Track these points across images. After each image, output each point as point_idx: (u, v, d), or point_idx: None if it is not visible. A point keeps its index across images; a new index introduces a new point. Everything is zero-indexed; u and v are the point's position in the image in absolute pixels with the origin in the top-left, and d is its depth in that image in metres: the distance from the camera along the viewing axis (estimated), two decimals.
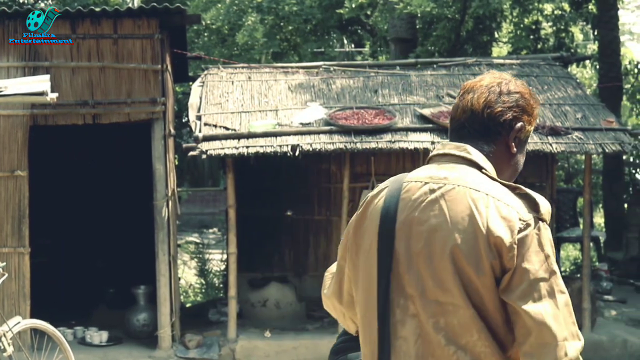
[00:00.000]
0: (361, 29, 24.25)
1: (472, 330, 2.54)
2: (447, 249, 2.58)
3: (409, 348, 2.61)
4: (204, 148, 10.27)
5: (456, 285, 2.55)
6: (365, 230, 2.80)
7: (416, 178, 2.90)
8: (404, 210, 2.72)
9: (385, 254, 2.69)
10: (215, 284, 17.68)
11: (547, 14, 21.56)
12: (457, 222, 2.59)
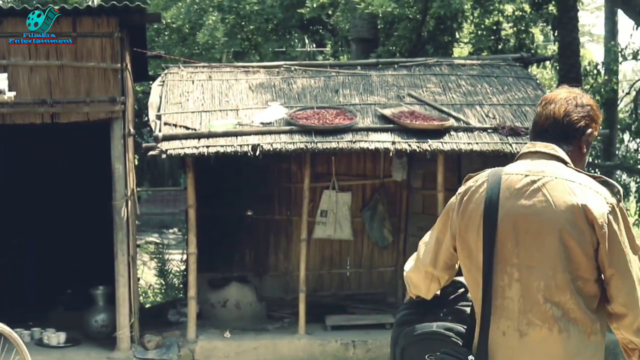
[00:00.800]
0: (322, 29, 24.24)
1: (566, 291, 3.27)
2: (554, 227, 3.29)
3: (513, 305, 3.34)
4: (163, 148, 10.19)
5: (559, 256, 3.27)
6: (471, 212, 3.51)
7: (515, 171, 3.63)
8: (510, 198, 3.45)
9: (489, 231, 3.40)
10: (175, 285, 17.60)
11: (507, 15, 21.67)
12: (560, 206, 3.30)
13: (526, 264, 3.35)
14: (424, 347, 3.66)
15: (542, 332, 3.31)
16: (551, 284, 3.30)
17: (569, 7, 18.61)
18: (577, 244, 3.27)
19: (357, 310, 12.51)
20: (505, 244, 3.39)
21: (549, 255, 3.31)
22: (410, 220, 13.34)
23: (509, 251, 3.39)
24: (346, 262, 13.53)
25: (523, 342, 3.34)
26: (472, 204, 3.54)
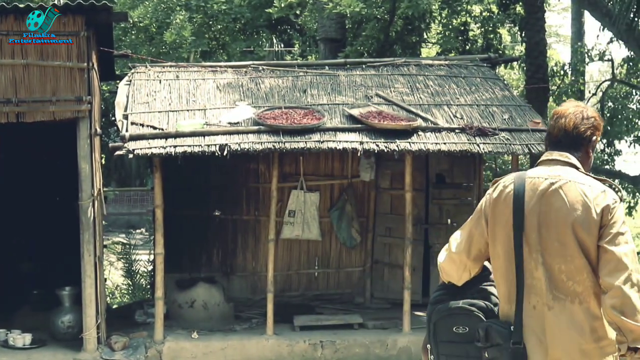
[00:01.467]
0: (290, 29, 24.22)
1: (583, 272, 4.08)
2: (568, 222, 4.10)
3: (541, 284, 4.15)
4: (130, 147, 10.13)
5: (574, 244, 4.08)
6: (500, 209, 4.30)
7: (537, 175, 4.35)
8: (533, 197, 4.23)
9: (518, 224, 4.22)
10: (143, 285, 17.53)
11: (475, 16, 21.76)
12: (574, 204, 4.12)
13: (548, 251, 4.16)
14: (452, 321, 4.47)
15: (566, 304, 4.12)
16: (570, 266, 4.12)
17: (536, 8, 18.70)
18: (587, 235, 4.09)
19: (325, 311, 12.52)
20: (531, 235, 4.22)
21: (565, 244, 4.13)
22: (378, 220, 13.35)
23: (534, 240, 4.21)
24: (314, 262, 13.52)
25: (550, 313, 4.15)
26: (501, 202, 4.34)
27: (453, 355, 4.52)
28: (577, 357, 4.11)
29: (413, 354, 10.99)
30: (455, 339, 4.49)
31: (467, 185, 13.31)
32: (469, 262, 4.47)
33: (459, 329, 4.46)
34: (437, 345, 4.58)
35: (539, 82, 18.30)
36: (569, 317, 4.11)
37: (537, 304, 4.18)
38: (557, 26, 38.51)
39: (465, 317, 4.43)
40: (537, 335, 4.18)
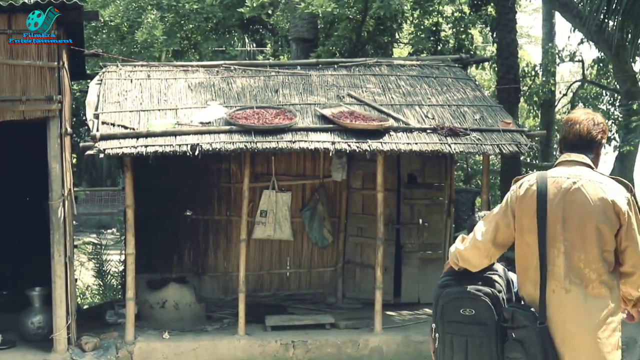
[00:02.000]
0: (262, 28, 24.18)
1: (598, 260, 4.83)
2: (591, 216, 4.82)
3: (561, 270, 4.87)
4: (101, 147, 10.08)
5: (594, 236, 4.82)
6: (526, 203, 5.00)
7: (559, 175, 5.02)
8: (557, 193, 4.93)
9: (542, 218, 4.92)
10: (113, 285, 17.45)
11: (447, 16, 21.81)
12: (595, 201, 4.84)
13: (570, 242, 4.88)
14: (459, 304, 5.26)
15: (581, 288, 4.85)
16: (589, 256, 4.85)
17: (507, 9, 18.78)
18: (607, 227, 4.83)
19: (297, 311, 12.52)
20: (554, 227, 4.92)
21: (586, 236, 4.85)
22: (349, 220, 13.36)
23: (557, 232, 4.91)
24: (286, 262, 13.51)
25: (567, 296, 4.87)
26: (526, 198, 5.02)
27: (459, 334, 5.26)
28: (590, 332, 4.84)
29: (384, 354, 11.01)
30: (462, 320, 5.25)
31: (439, 185, 13.36)
32: (492, 249, 5.20)
33: (465, 311, 5.24)
34: (444, 324, 5.34)
35: (510, 82, 18.37)
36: (584, 299, 4.84)
37: (556, 288, 4.90)
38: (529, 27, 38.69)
39: (472, 301, 5.22)
40: (556, 316, 4.88)
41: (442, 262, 13.35)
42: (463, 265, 5.36)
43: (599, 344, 4.82)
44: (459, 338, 5.27)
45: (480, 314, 5.19)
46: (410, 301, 13.24)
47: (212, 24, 21.14)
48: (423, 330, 11.45)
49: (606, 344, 4.84)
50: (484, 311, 5.18)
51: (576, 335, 4.84)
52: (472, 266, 5.31)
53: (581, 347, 4.84)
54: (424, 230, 13.31)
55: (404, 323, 11.96)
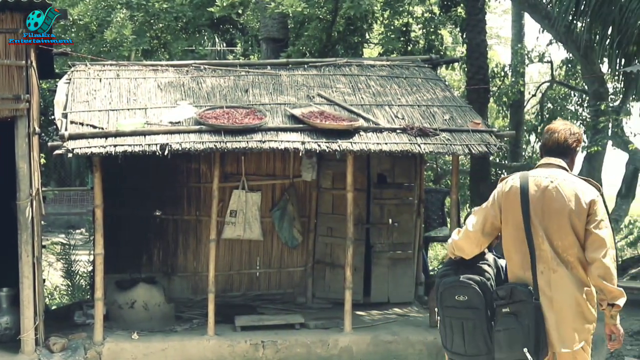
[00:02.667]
0: (233, 28, 24.16)
1: (574, 246, 5.79)
2: (565, 210, 5.80)
3: (547, 254, 5.84)
4: (70, 147, 10.02)
5: (568, 226, 5.78)
6: (511, 199, 5.99)
7: (539, 175, 6.02)
8: (537, 192, 5.91)
9: (525, 212, 5.90)
10: (82, 286, 17.37)
11: (417, 17, 21.88)
12: (569, 197, 5.81)
13: (549, 230, 5.88)
14: (455, 291, 6.17)
15: (563, 269, 5.85)
16: (564, 242, 5.84)
17: (477, 9, 18.89)
18: (578, 219, 5.80)
19: (267, 311, 12.50)
20: (536, 218, 5.91)
21: (562, 226, 5.84)
22: (319, 220, 13.37)
23: (538, 223, 5.90)
24: (256, 262, 13.50)
25: (554, 275, 5.88)
26: (511, 194, 6.03)
27: (455, 317, 6.20)
28: (572, 305, 5.85)
29: (354, 354, 11.02)
30: (457, 305, 6.18)
31: (408, 185, 13.38)
32: (482, 238, 6.15)
33: (459, 297, 6.17)
34: (443, 309, 6.30)
35: (480, 83, 18.47)
36: (567, 278, 5.85)
37: (544, 269, 5.89)
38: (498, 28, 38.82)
39: (464, 289, 6.15)
40: (545, 292, 5.88)
41: (412, 262, 13.43)
42: (458, 254, 6.29)
43: (581, 306, 5.85)
44: (456, 321, 6.22)
45: (471, 300, 6.13)
46: (379, 301, 13.26)
47: (182, 23, 21.11)
48: (392, 329, 11.49)
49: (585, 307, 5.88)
50: (475, 297, 6.12)
51: (562, 302, 5.85)
52: (465, 254, 6.24)
53: (567, 311, 5.84)
54: (394, 230, 13.33)
55: (373, 323, 11.98)
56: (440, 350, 11.05)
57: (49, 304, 15.26)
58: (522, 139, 28.07)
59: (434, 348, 11.07)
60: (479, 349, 6.17)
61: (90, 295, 13.19)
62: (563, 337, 5.87)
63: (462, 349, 6.25)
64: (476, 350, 6.19)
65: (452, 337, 6.29)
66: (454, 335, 6.27)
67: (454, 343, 6.30)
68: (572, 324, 5.85)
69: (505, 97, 26.21)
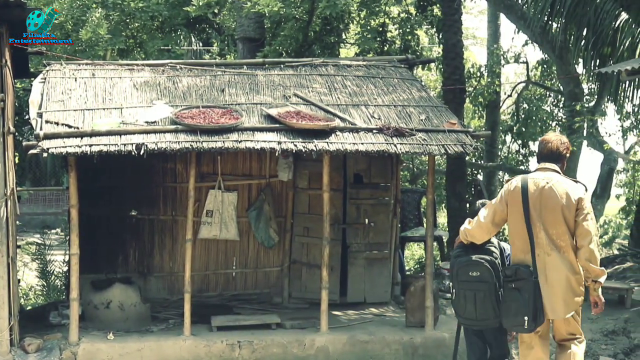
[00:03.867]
0: (209, 28, 24.12)
1: (565, 234, 7.45)
2: (558, 205, 7.43)
3: (543, 241, 7.48)
4: (45, 146, 9.96)
5: (561, 218, 7.43)
6: (514, 197, 7.62)
7: (537, 177, 7.66)
8: (536, 191, 7.53)
9: (525, 207, 7.54)
10: (58, 286, 17.29)
11: (393, 17, 21.92)
12: (561, 195, 7.45)
13: (546, 221, 7.54)
14: (468, 269, 7.98)
15: (557, 253, 7.52)
16: (558, 231, 7.50)
17: (452, 10, 18.94)
18: (569, 213, 7.48)
19: (243, 311, 12.49)
20: (534, 212, 7.58)
21: (555, 218, 7.51)
22: (296, 220, 13.37)
23: (537, 216, 7.57)
24: (232, 262, 13.49)
25: (549, 258, 7.55)
26: (515, 192, 7.73)
27: (469, 289, 7.95)
28: (564, 283, 7.55)
29: (330, 353, 11.02)
30: (470, 279, 7.95)
31: (385, 185, 13.40)
32: (492, 228, 7.94)
33: (473, 273, 7.95)
34: (458, 283, 8.05)
35: (456, 83, 18.53)
36: (559, 260, 7.53)
37: (540, 253, 7.57)
38: (474, 29, 38.82)
39: (477, 266, 7.94)
40: (542, 272, 7.57)
41: (388, 261, 13.45)
42: (470, 240, 8.08)
43: (570, 283, 7.56)
44: (469, 292, 7.95)
45: (483, 275, 7.91)
46: (356, 301, 13.28)
47: (158, 22, 21.07)
48: (369, 329, 11.50)
49: (574, 284, 7.58)
50: (486, 272, 7.91)
51: (555, 279, 7.54)
52: (477, 240, 8.04)
53: (559, 286, 7.55)
54: (370, 230, 13.35)
55: (349, 323, 11.99)
56: (416, 350, 11.10)
57: (24, 304, 15.19)
58: (497, 139, 28.19)
59: (410, 348, 11.10)
60: (487, 315, 7.92)
61: (66, 295, 13.13)
62: (557, 308, 7.57)
63: (474, 315, 7.98)
64: (485, 316, 7.93)
65: (465, 306, 8.02)
66: (467, 304, 7.99)
67: (466, 311, 8.03)
68: (563, 297, 7.56)
69: (481, 97, 26.32)
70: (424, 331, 11.35)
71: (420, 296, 11.49)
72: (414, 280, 12.34)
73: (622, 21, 14.91)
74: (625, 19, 14.90)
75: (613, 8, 14.90)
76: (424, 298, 11.38)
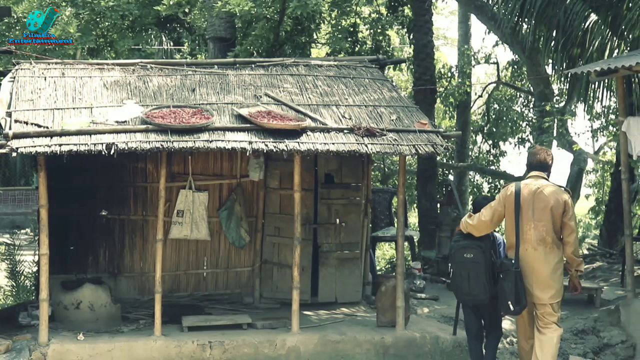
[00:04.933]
0: (180, 27, 24.07)
1: (551, 231, 9.19)
2: (547, 208, 9.15)
3: (531, 238, 9.21)
4: (14, 146, 9.90)
5: (549, 217, 9.16)
6: (510, 200, 9.32)
7: (529, 183, 9.35)
8: (529, 195, 9.24)
9: (517, 207, 9.26)
10: (27, 287, 17.20)
11: (364, 17, 21.96)
12: (550, 198, 9.18)
13: (536, 221, 9.14)
14: (464, 251, 9.47)
15: (542, 248, 9.14)
16: (547, 228, 9.11)
17: (423, 10, 19.01)
18: (557, 212, 9.11)
19: (214, 311, 12.47)
20: (527, 213, 9.18)
21: (546, 217, 9.11)
22: (267, 220, 13.36)
23: (529, 216, 9.17)
24: (203, 262, 13.46)
25: (535, 252, 9.16)
26: (509, 196, 9.32)
27: (464, 269, 9.49)
28: (549, 273, 9.19)
29: (302, 353, 11.02)
30: (465, 261, 9.49)
31: (356, 185, 13.42)
32: (490, 225, 9.52)
33: (468, 255, 9.48)
34: (455, 264, 9.59)
35: (427, 83, 18.60)
36: (544, 254, 9.20)
37: (528, 248, 9.21)
38: (445, 29, 39.03)
39: (471, 249, 9.48)
40: (527, 264, 9.19)
41: (360, 261, 13.47)
42: (471, 231, 9.57)
43: (552, 275, 9.22)
44: (464, 272, 9.49)
45: (476, 257, 9.43)
46: (327, 301, 13.29)
47: (129, 21, 21.00)
48: (340, 329, 11.51)
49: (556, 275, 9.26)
50: (478, 255, 9.42)
51: (540, 271, 9.21)
52: (476, 233, 9.54)
53: (542, 277, 9.21)
54: (341, 230, 13.37)
55: (321, 323, 11.99)
56: (387, 350, 11.12)
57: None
58: (468, 140, 28.34)
59: (381, 347, 11.12)
60: (479, 291, 9.43)
61: (35, 296, 13.06)
62: (542, 295, 9.24)
63: (468, 290, 9.53)
64: (477, 292, 9.45)
65: (460, 283, 9.56)
66: (462, 282, 9.53)
67: (462, 288, 9.60)
68: (548, 285, 9.23)
69: (451, 97, 26.45)
70: (395, 331, 11.38)
71: (391, 296, 11.52)
72: (385, 280, 12.36)
73: (592, 22, 15.01)
74: (594, 20, 15.00)
75: (582, 9, 15.00)
76: (395, 298, 11.41)
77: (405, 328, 11.45)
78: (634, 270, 12.33)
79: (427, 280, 14.97)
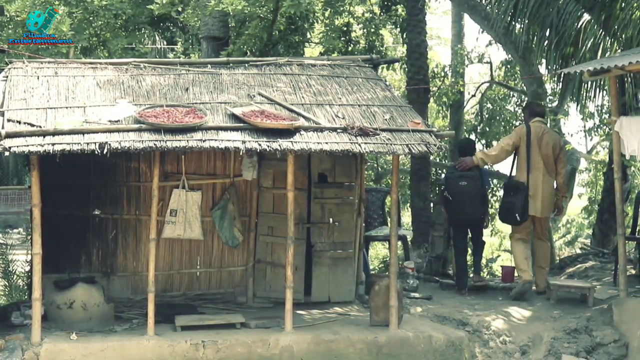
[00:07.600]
0: (173, 26, 24.05)
1: (552, 163, 13.28)
2: (550, 144, 13.25)
3: (540, 166, 13.13)
4: (7, 145, 9.87)
5: (551, 152, 13.27)
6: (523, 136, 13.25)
7: (536, 125, 13.30)
8: (537, 133, 13.19)
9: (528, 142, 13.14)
10: (20, 286, 17.17)
11: (357, 16, 21.98)
12: (552, 138, 13.46)
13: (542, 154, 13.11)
14: (459, 180, 13.40)
15: (547, 175, 13.22)
16: (550, 160, 13.25)
17: (417, 10, 19.03)
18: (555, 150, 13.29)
19: (207, 310, 12.46)
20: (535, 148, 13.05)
21: (548, 152, 13.20)
22: (260, 219, 13.36)
23: (537, 150, 13.06)
24: (196, 261, 13.45)
25: (543, 178, 13.15)
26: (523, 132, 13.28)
27: (460, 193, 13.22)
28: (547, 194, 13.15)
29: (295, 353, 11.01)
30: (461, 189, 13.24)
31: (349, 184, 13.42)
32: (509, 152, 13.25)
33: (462, 183, 13.25)
34: (452, 192, 13.29)
35: (420, 83, 18.63)
36: (547, 178, 13.07)
37: (537, 174, 12.94)
38: (438, 29, 39.01)
39: (465, 178, 13.20)
40: (535, 187, 12.91)
41: (353, 261, 13.47)
42: (489, 161, 13.66)
43: (551, 194, 12.94)
44: (459, 196, 13.04)
45: (468, 185, 13.03)
46: (320, 300, 13.28)
47: (122, 20, 20.98)
48: (333, 329, 11.51)
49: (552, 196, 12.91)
50: (470, 182, 13.06)
51: (544, 190, 12.92)
52: (494, 159, 13.60)
53: (545, 196, 12.89)
54: (335, 230, 13.36)
55: (314, 322, 11.99)
56: (380, 349, 11.12)
57: None
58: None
59: (374, 347, 11.12)
60: (472, 210, 13.28)
61: (28, 295, 13.04)
62: (541, 209, 13.00)
63: (464, 212, 13.29)
64: (471, 211, 13.26)
65: (456, 206, 13.28)
66: (459, 205, 13.20)
67: (459, 210, 13.26)
68: (546, 202, 13.02)
69: (445, 97, 26.49)
70: (388, 330, 11.38)
71: (384, 295, 11.52)
72: (379, 279, 12.36)
73: (585, 22, 15.01)
74: (587, 20, 15.01)
75: (575, 9, 15.01)
76: (388, 297, 11.41)
77: (398, 327, 11.44)
78: (627, 269, 12.37)
79: (420, 280, 14.97)
